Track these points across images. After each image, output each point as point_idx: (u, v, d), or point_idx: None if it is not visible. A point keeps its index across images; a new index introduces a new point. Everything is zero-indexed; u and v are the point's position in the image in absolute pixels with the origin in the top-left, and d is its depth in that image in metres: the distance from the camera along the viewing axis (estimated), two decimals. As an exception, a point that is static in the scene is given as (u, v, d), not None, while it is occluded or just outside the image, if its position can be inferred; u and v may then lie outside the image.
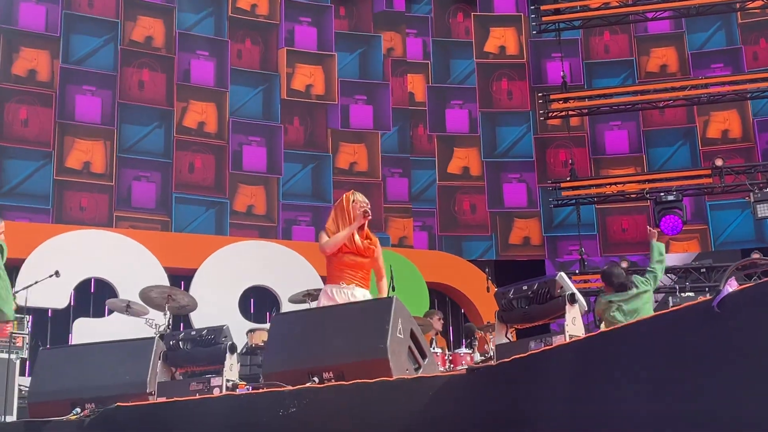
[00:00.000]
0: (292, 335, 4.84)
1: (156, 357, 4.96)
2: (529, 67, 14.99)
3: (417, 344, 4.68)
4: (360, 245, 5.92)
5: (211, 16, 13.72)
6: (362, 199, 6.03)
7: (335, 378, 4.47)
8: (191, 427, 4.44)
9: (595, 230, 14.14)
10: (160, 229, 12.49)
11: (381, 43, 14.59)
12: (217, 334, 4.84)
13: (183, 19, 13.46)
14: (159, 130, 12.95)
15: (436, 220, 14.18)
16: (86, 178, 12.31)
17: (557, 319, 4.09)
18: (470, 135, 14.64)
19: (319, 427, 4.19)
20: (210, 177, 13.09)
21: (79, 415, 4.83)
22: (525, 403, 3.65)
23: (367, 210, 5.95)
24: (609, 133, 14.65)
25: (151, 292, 9.02)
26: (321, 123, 14.00)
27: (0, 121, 11.99)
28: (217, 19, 13.73)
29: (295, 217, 13.42)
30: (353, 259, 5.90)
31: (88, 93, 12.62)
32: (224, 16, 13.75)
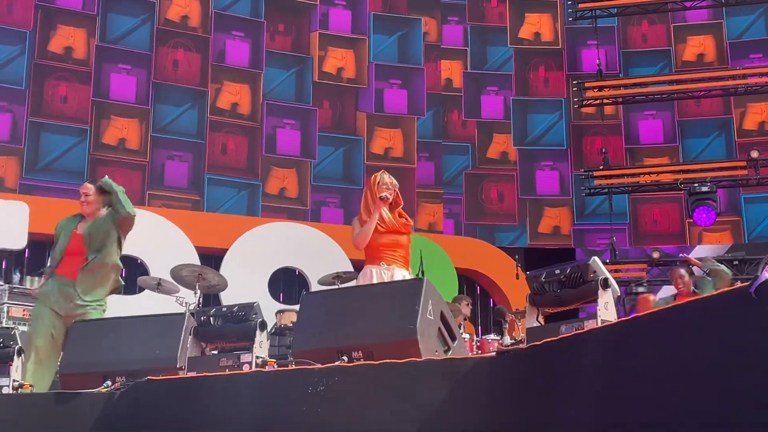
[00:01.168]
0: (321, 314, 4.85)
1: (187, 332, 4.98)
2: (565, 54, 14.88)
3: (447, 326, 4.67)
4: (395, 223, 5.94)
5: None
6: (388, 180, 6.02)
7: (364, 357, 4.47)
8: (220, 402, 4.46)
9: (626, 220, 14.04)
10: (192, 208, 12.56)
11: (421, 26, 14.54)
12: (247, 311, 4.86)
13: (219, -2, 13.51)
14: (192, 111, 13.01)
15: (463, 208, 14.14)
16: (121, 154, 12.41)
17: (589, 303, 4.06)
18: (504, 121, 14.57)
19: (347, 406, 4.20)
20: (242, 159, 13.14)
21: (109, 388, 4.87)
22: (555, 388, 3.63)
23: (384, 195, 5.95)
24: (643, 123, 14.52)
25: (182, 270, 9.09)
26: (351, 106, 13.99)
27: (40, 96, 12.10)
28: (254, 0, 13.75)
29: (324, 199, 13.44)
30: (391, 238, 5.92)
31: (123, 72, 12.71)
32: (260, -4, 13.79)
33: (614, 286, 4.00)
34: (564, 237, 14.20)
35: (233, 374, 4.62)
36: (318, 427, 4.19)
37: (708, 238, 13.80)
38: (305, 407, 4.24)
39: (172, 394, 4.63)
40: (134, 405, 4.68)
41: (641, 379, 3.18)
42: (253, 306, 4.89)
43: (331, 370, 4.31)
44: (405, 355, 4.27)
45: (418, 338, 4.39)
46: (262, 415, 4.37)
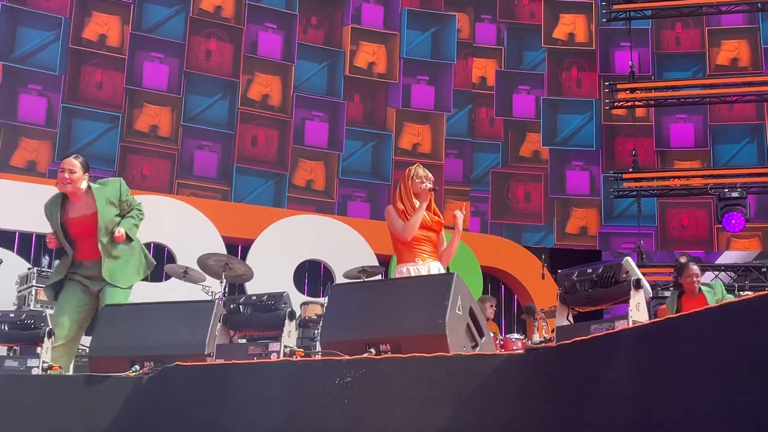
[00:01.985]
0: (350, 306, 4.86)
1: (216, 319, 5.00)
2: (598, 56, 14.81)
3: (475, 322, 4.67)
4: (429, 220, 5.95)
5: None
6: (423, 174, 6.01)
7: (392, 350, 4.47)
8: (248, 390, 4.48)
9: (654, 223, 13.96)
10: (220, 198, 12.62)
11: (455, 23, 14.52)
12: (277, 300, 4.88)
13: (254, -11, 13.55)
14: (223, 102, 13.06)
15: (489, 207, 14.11)
16: (153, 140, 12.47)
17: (621, 303, 4.04)
18: (535, 120, 14.52)
19: (374, 398, 4.20)
20: (272, 152, 13.18)
21: (137, 372, 4.91)
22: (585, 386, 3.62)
23: (429, 186, 5.94)
24: (674, 126, 14.42)
25: (209, 259, 9.15)
26: (381, 101, 13.99)
27: (76, 82, 12.20)
28: (289, -8, 13.80)
29: (352, 193, 13.46)
30: (424, 234, 5.93)
31: (156, 60, 12.77)
32: (295, -12, 13.82)
33: (646, 287, 3.98)
34: (590, 238, 14.14)
35: (261, 362, 4.64)
36: (344, 418, 4.20)
37: (736, 244, 13.69)
38: (332, 398, 4.25)
39: (199, 380, 4.65)
40: (162, 389, 4.70)
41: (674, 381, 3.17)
42: (282, 295, 4.90)
43: (358, 361, 4.32)
44: (433, 350, 4.27)
45: (447, 333, 4.38)
46: (289, 404, 4.39)
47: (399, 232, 5.88)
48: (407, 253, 5.92)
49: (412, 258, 5.90)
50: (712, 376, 3.06)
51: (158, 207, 11.66)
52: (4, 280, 9.40)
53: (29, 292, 9.40)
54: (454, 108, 14.30)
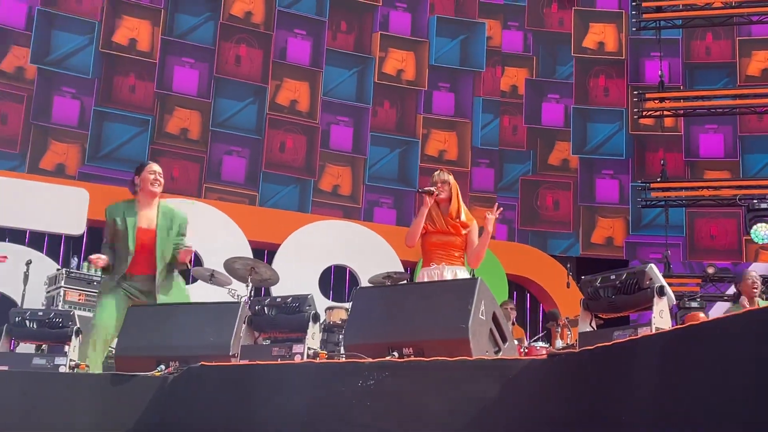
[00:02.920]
0: (374, 309, 4.88)
1: (240, 321, 5.05)
2: (627, 65, 14.76)
3: (498, 327, 4.68)
4: (442, 223, 5.97)
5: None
6: (437, 178, 6.09)
7: (415, 354, 4.49)
8: (272, 391, 4.51)
9: (682, 233, 13.87)
10: (248, 203, 12.70)
11: (485, 30, 14.54)
12: (301, 302, 4.92)
13: (284, -5, 13.65)
14: (252, 107, 13.14)
15: (517, 214, 14.09)
16: (182, 144, 12.58)
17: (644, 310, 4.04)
18: (565, 129, 14.50)
19: (397, 401, 4.22)
20: (300, 158, 13.24)
21: (163, 372, 4.95)
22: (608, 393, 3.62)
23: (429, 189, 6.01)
24: (704, 136, 14.34)
25: (235, 263, 9.20)
26: (411, 108, 14.03)
27: (109, 86, 12.34)
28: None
29: (378, 199, 13.49)
30: (440, 238, 5.97)
31: (186, 65, 12.89)
32: (325, -5, 13.89)
33: (670, 294, 3.97)
34: (616, 249, 14.08)
35: (285, 364, 4.67)
36: (367, 420, 4.22)
37: (765, 255, 13.58)
38: (355, 400, 4.28)
39: (224, 381, 4.69)
40: (187, 389, 4.74)
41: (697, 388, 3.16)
42: (307, 298, 4.94)
43: (381, 364, 4.34)
44: (456, 354, 4.28)
45: (470, 337, 4.40)
46: (312, 405, 4.41)
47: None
48: (425, 257, 6.03)
49: (427, 262, 5.98)
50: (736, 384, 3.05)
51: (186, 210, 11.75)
52: (33, 280, 9.50)
53: (58, 292, 9.50)
54: (483, 116, 14.29)
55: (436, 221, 6.06)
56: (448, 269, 5.87)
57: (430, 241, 6.06)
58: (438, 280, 5.80)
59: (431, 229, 6.06)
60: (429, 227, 6.08)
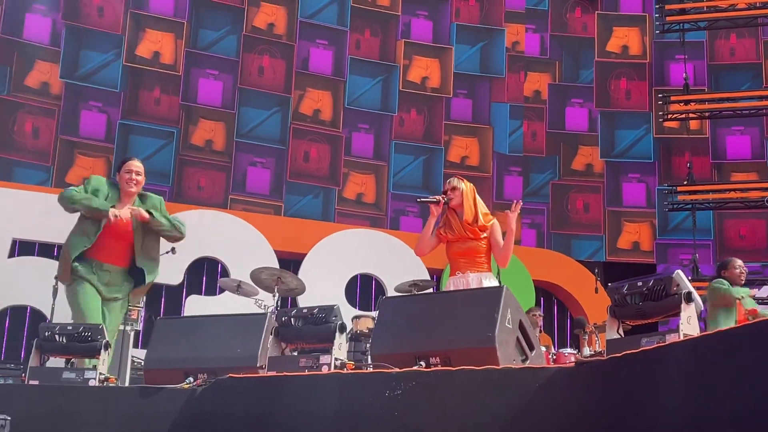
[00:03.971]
0: (400, 319, 4.89)
1: (267, 332, 5.06)
2: (651, 68, 14.69)
3: (525, 336, 4.67)
4: (461, 230, 5.96)
5: (334, 3, 13.90)
6: (448, 185, 6.11)
7: (442, 363, 4.49)
8: (299, 402, 4.52)
9: (711, 236, 13.77)
10: (273, 213, 12.75)
11: (504, 37, 14.53)
12: (327, 313, 4.92)
13: (305, 7, 13.68)
14: (276, 116, 13.21)
15: (546, 218, 14.04)
16: (207, 155, 12.66)
17: (671, 317, 4.01)
18: (590, 134, 14.44)
19: (424, 410, 4.22)
20: (324, 167, 13.28)
21: (191, 384, 4.98)
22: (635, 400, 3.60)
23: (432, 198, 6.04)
24: (731, 138, 14.23)
25: (262, 273, 9.23)
26: (436, 115, 14.03)
27: (135, 99, 12.45)
28: (340, 9, 13.90)
29: (404, 208, 13.49)
30: (461, 246, 5.97)
31: (210, 77, 12.98)
32: (347, 5, 13.91)
33: (698, 300, 3.94)
34: (643, 253, 13.99)
35: (312, 375, 4.67)
36: (394, 430, 4.22)
37: (794, 256, 13.48)
38: (382, 410, 4.28)
39: (252, 392, 4.71)
40: (215, 401, 4.77)
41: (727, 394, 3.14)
42: (333, 308, 4.94)
43: (408, 374, 4.34)
44: (483, 363, 4.27)
45: (497, 346, 4.39)
46: (339, 416, 4.42)
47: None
48: (451, 266, 6.06)
49: (453, 271, 5.99)
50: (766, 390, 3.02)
51: (212, 221, 11.84)
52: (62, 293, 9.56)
53: (87, 305, 9.55)
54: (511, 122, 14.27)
55: (454, 229, 6.05)
56: (472, 276, 5.87)
57: (452, 250, 6.07)
58: (463, 288, 5.79)
59: (451, 237, 6.06)
60: (449, 236, 6.08)
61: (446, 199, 6.08)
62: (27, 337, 10.69)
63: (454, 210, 6.10)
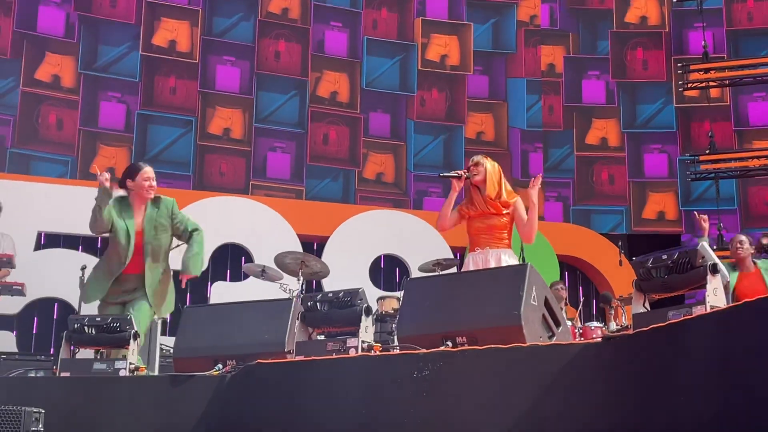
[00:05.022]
0: (425, 300, 4.90)
1: (294, 317, 5.10)
2: (670, 38, 14.54)
3: (551, 312, 4.67)
4: (483, 205, 5.97)
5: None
6: (470, 162, 6.13)
7: (468, 343, 4.51)
8: (328, 385, 4.56)
9: (735, 204, 13.66)
10: (295, 197, 12.77)
11: (515, 12, 14.43)
12: (353, 296, 4.95)
13: (319, -11, 13.67)
14: (294, 100, 13.21)
15: (572, 191, 13.97)
16: (226, 143, 12.69)
17: (697, 289, 4.00)
18: (608, 106, 14.33)
19: (452, 390, 4.24)
20: (344, 149, 13.28)
21: (221, 371, 5.03)
22: (664, 373, 3.60)
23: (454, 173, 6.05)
24: (752, 105, 14.09)
25: (286, 257, 9.26)
26: (458, 94, 13.97)
27: (151, 88, 12.49)
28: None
29: (427, 189, 13.48)
30: (483, 222, 5.97)
31: (228, 63, 12.99)
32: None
33: (723, 271, 3.93)
34: (669, 222, 13.90)
35: (340, 358, 4.71)
36: (423, 411, 4.25)
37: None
38: (410, 391, 4.31)
39: (280, 377, 4.75)
40: (244, 387, 4.81)
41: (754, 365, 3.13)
42: (358, 292, 4.97)
43: (435, 355, 4.37)
44: (509, 341, 4.29)
45: (523, 324, 4.40)
46: (368, 398, 4.45)
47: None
48: (471, 242, 6.07)
49: (473, 247, 6.00)
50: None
51: (235, 208, 11.89)
52: (89, 285, 9.63)
53: (114, 295, 9.63)
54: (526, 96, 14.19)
55: (477, 204, 6.06)
56: (492, 252, 5.86)
57: (474, 225, 6.07)
58: (483, 264, 5.80)
59: (473, 213, 6.07)
60: (471, 212, 6.09)
61: (468, 174, 6.08)
62: (56, 330, 10.80)
63: (476, 186, 6.11)
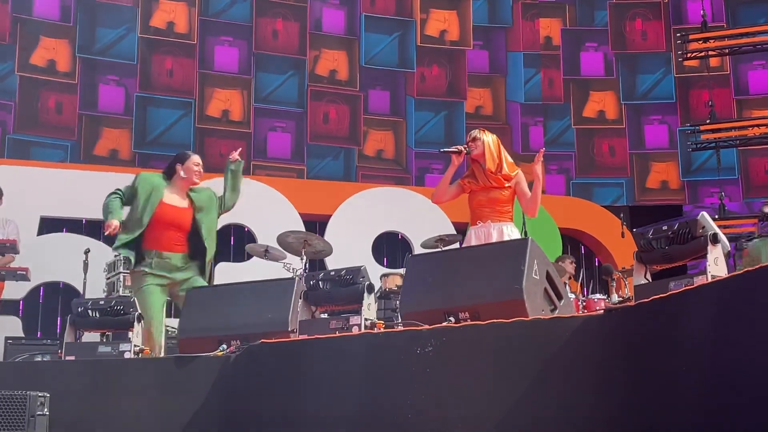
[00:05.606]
0: (427, 276, 4.92)
1: (297, 296, 5.12)
2: (669, 8, 14.45)
3: (553, 286, 4.68)
4: (484, 179, 5.98)
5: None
6: (468, 137, 6.14)
7: (471, 318, 4.52)
8: (332, 364, 4.58)
9: (736, 174, 13.63)
10: (296, 177, 12.76)
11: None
12: (355, 274, 4.96)
13: (315, -32, 13.59)
14: (293, 79, 13.17)
15: (574, 164, 13.94)
16: (225, 125, 12.67)
17: (698, 259, 4.00)
18: (606, 78, 14.28)
19: (455, 366, 4.26)
20: (344, 128, 13.25)
21: (225, 352, 5.05)
22: (666, 344, 3.61)
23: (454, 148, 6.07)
24: (752, 73, 14.04)
25: (288, 237, 9.27)
26: (458, 69, 13.92)
27: (148, 71, 12.45)
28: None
29: (429, 165, 13.46)
30: (485, 195, 5.98)
31: (225, 44, 12.95)
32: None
33: (724, 241, 3.93)
34: (672, 192, 13.88)
35: (343, 336, 4.72)
36: (427, 387, 4.27)
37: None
38: (414, 368, 4.32)
39: (285, 356, 4.77)
40: (249, 367, 4.84)
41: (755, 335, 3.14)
42: (360, 269, 4.98)
43: (438, 330, 4.38)
44: (511, 316, 4.30)
45: (525, 298, 4.41)
46: (372, 375, 4.47)
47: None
48: (473, 216, 6.08)
49: (474, 221, 6.01)
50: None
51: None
52: (93, 268, 9.68)
53: (117, 278, 9.66)
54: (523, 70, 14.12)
55: (478, 178, 6.09)
56: (494, 226, 5.89)
57: (476, 199, 6.09)
58: (485, 238, 5.82)
59: (475, 187, 6.09)
60: (473, 186, 6.11)
61: (468, 149, 6.10)
62: (61, 314, 10.83)
63: (477, 161, 6.12)
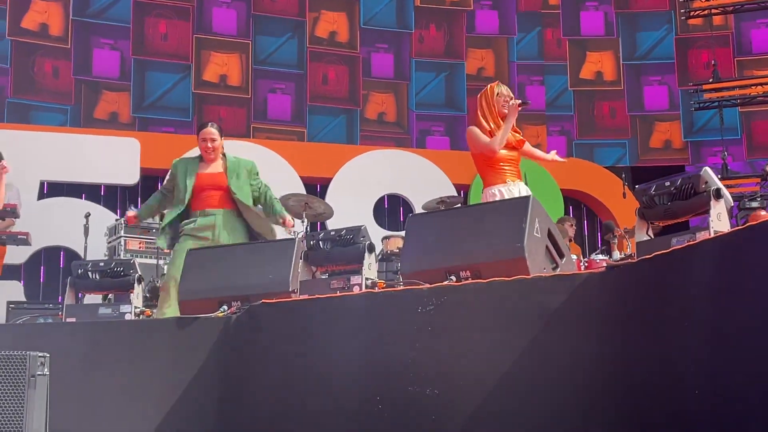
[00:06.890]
0: (428, 235, 4.88)
1: (297, 257, 5.09)
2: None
3: (554, 244, 4.65)
4: (513, 139, 5.95)
5: None
6: (506, 93, 6.03)
7: (472, 276, 4.50)
8: (333, 323, 4.56)
9: (738, 134, 13.56)
10: (296, 140, 12.70)
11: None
12: (355, 234, 4.94)
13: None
14: (292, 41, 13.06)
15: (575, 125, 13.86)
16: (223, 91, 12.59)
17: (701, 215, 3.97)
18: (606, 38, 14.15)
19: (457, 324, 4.24)
20: (344, 89, 13.17)
21: (226, 312, 5.04)
22: (667, 300, 3.58)
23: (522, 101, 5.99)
24: (756, 32, 13.90)
25: (289, 200, 9.25)
26: (457, 30, 13.80)
27: (141, 35, 12.34)
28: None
29: (429, 128, 13.39)
30: (510, 154, 5.94)
31: (223, 5, 12.83)
32: None
33: (727, 196, 3.89)
34: (675, 151, 13.81)
35: (344, 296, 4.71)
36: (429, 346, 4.25)
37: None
38: (416, 327, 4.31)
39: (285, 317, 4.76)
40: (250, 328, 4.83)
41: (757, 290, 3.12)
42: (360, 229, 4.96)
43: (439, 289, 4.36)
44: (513, 274, 4.28)
45: (526, 256, 4.39)
46: (373, 334, 4.46)
47: (488, 147, 5.87)
48: (494, 175, 5.94)
49: (501, 179, 5.91)
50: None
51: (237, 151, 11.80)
52: (93, 232, 9.67)
53: (118, 242, 9.68)
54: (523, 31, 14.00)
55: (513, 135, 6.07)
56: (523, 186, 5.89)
57: (501, 157, 5.98)
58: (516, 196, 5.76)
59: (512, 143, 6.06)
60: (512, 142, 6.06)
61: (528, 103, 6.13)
62: (63, 278, 10.84)
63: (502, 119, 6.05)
